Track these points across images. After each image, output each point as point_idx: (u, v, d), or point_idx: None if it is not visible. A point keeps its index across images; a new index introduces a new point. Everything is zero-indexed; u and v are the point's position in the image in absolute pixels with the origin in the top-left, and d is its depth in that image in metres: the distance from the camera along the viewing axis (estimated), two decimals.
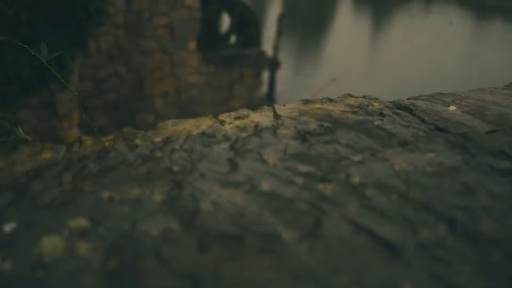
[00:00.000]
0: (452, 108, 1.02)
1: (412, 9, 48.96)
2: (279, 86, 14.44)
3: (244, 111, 0.97)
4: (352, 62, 19.79)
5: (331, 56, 21.26)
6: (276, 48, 13.45)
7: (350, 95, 1.04)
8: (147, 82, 9.62)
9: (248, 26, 11.51)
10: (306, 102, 1.00)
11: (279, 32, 13.46)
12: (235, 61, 11.06)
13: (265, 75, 13.42)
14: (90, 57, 8.46)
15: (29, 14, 6.12)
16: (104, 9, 6.74)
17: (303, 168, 0.73)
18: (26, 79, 6.35)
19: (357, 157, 0.76)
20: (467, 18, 44.07)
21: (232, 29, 11.44)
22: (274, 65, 13.48)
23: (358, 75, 17.56)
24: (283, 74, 15.48)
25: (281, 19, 13.49)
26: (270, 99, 13.58)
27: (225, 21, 12.70)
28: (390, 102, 1.03)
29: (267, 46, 14.49)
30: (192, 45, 10.15)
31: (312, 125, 0.88)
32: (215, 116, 0.98)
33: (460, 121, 0.94)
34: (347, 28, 32.19)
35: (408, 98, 1.10)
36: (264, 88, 13.27)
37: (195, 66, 10.36)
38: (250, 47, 11.64)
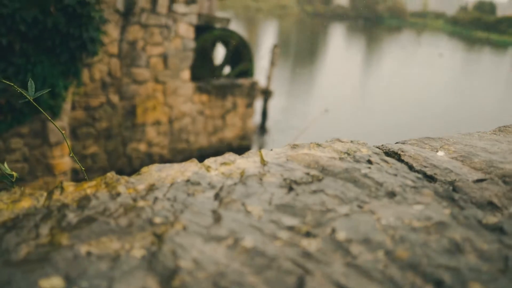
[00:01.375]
0: (440, 153, 1.01)
1: (402, 40, 50.00)
2: (273, 115, 14.54)
3: (231, 157, 0.95)
4: (344, 92, 20.03)
5: (323, 85, 21.52)
6: (269, 78, 13.59)
7: (338, 140, 1.03)
8: (139, 110, 9.63)
9: (242, 56, 11.65)
10: (294, 147, 0.99)
11: (272, 63, 13.62)
12: (228, 91, 11.15)
13: (258, 105, 13.52)
14: (83, 86, 8.49)
15: (22, 43, 6.15)
16: (98, 38, 6.79)
17: (288, 221, 0.71)
18: (18, 108, 6.34)
19: (343, 209, 0.74)
20: (456, 50, 45.03)
21: (227, 59, 11.59)
22: (267, 94, 13.59)
23: (349, 105, 17.74)
24: (277, 103, 15.61)
25: (274, 49, 13.68)
26: (262, 128, 13.64)
27: (219, 52, 12.86)
28: (378, 147, 1.03)
29: (260, 76, 14.67)
30: (186, 74, 10.23)
31: (299, 173, 0.87)
32: (201, 161, 0.96)
33: (449, 168, 0.93)
34: (340, 58, 32.72)
35: (397, 142, 1.09)
36: (257, 117, 13.34)
37: (188, 95, 10.42)
38: (243, 77, 11.76)
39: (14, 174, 1.76)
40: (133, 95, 9.43)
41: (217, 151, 11.38)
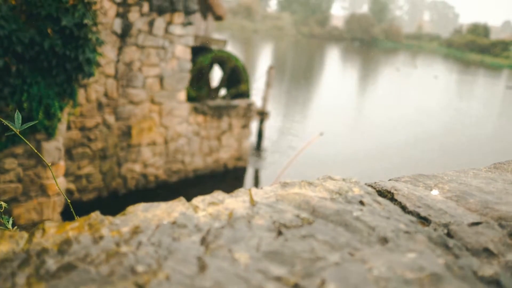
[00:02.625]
0: (434, 192, 0.99)
1: (398, 62, 50.55)
2: (269, 136, 14.55)
3: (220, 196, 0.93)
4: (340, 113, 20.11)
5: (319, 106, 21.63)
6: (265, 99, 13.65)
7: (330, 178, 1.01)
8: (135, 131, 9.61)
9: (238, 77, 11.71)
10: (284, 185, 0.97)
11: (268, 84, 13.70)
12: (224, 112, 11.17)
13: (254, 125, 13.54)
14: (79, 106, 8.48)
15: (19, 64, 6.16)
16: (94, 60, 6.81)
17: (276, 270, 0.68)
18: None
19: (334, 257, 0.71)
20: (451, 72, 45.50)
21: (223, 81, 11.66)
22: (263, 115, 13.63)
23: (345, 126, 17.79)
24: (273, 124, 15.64)
25: (270, 71, 13.77)
26: (258, 149, 13.63)
27: (216, 73, 12.94)
28: (371, 185, 1.00)
29: (257, 97, 14.73)
30: (182, 95, 10.25)
31: (289, 215, 0.84)
32: (189, 200, 0.94)
33: (443, 209, 0.91)
34: (335, 79, 32.97)
35: (390, 180, 1.07)
36: (253, 138, 13.35)
37: (184, 116, 10.42)
38: (239, 98, 11.80)
39: (3, 204, 1.72)
40: (129, 115, 9.43)
41: (212, 172, 11.34)
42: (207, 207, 0.88)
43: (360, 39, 79.55)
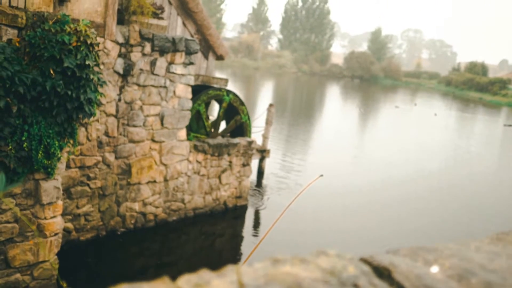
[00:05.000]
0: (434, 269, 0.94)
1: (397, 100, 50.99)
2: (269, 174, 14.48)
3: (206, 275, 0.88)
4: (340, 151, 20.11)
5: (320, 144, 21.65)
6: (265, 137, 13.67)
7: (324, 253, 0.96)
8: (134, 169, 9.57)
9: (238, 116, 11.77)
10: (275, 262, 0.92)
11: (268, 122, 13.76)
12: (225, 150, 11.16)
13: (255, 163, 13.51)
14: (79, 145, 8.47)
15: (20, 104, 6.18)
16: (95, 99, 6.84)
17: None
18: (12, 168, 6.27)
19: None
20: (451, 109, 45.85)
21: (221, 118, 11.71)
22: (263, 153, 13.62)
23: (345, 164, 17.74)
24: (273, 162, 15.61)
25: (270, 109, 13.86)
26: (258, 187, 13.55)
27: (215, 109, 13.03)
28: (366, 260, 0.95)
29: (257, 135, 14.77)
30: (182, 133, 10.27)
31: None
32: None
33: None
34: (336, 116, 33.18)
35: (388, 252, 1.02)
36: (253, 176, 13.29)
37: (184, 155, 10.41)
38: (240, 136, 11.83)
39: None
40: (129, 154, 9.41)
41: (212, 211, 11.22)
42: None
43: (360, 77, 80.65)
